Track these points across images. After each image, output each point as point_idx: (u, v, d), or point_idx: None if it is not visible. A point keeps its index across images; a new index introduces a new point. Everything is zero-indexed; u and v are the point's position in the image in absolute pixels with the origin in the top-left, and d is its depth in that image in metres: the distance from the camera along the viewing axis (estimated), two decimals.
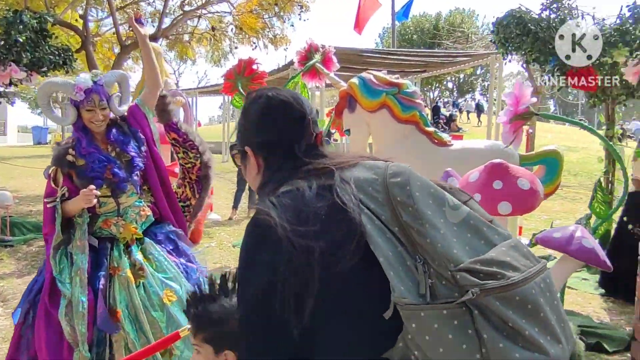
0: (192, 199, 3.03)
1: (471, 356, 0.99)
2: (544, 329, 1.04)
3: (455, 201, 1.21)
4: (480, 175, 3.28)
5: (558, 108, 56.26)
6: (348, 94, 6.07)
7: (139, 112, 2.83)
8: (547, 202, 11.88)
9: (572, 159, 17.79)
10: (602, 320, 4.84)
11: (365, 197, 1.16)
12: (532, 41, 6.17)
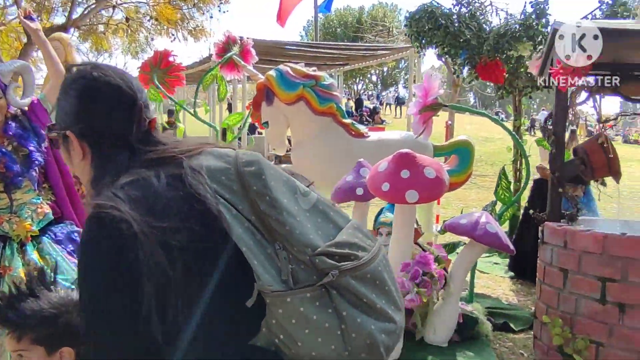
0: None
1: (333, 333, 1.05)
2: (390, 301, 1.13)
3: (304, 188, 1.24)
4: (388, 165, 3.37)
5: (477, 100, 58.45)
6: (265, 87, 6.06)
7: (41, 108, 2.69)
8: (464, 190, 12.38)
9: (489, 149, 18.55)
10: (510, 302, 5.09)
11: (219, 186, 1.13)
12: (443, 35, 6.38)
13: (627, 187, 14.25)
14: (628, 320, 3.16)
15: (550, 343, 3.46)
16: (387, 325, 1.11)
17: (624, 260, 3.17)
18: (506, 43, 6.16)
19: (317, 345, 1.04)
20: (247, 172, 1.14)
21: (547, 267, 3.64)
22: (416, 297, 3.51)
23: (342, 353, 1.05)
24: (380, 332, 1.09)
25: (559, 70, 3.55)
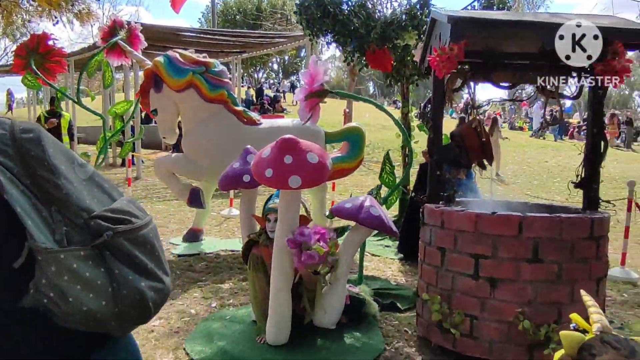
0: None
1: (105, 290, 1.12)
2: (159, 265, 1.23)
3: (82, 160, 1.31)
4: (271, 151, 3.37)
5: (377, 89, 59.91)
6: (153, 73, 5.88)
7: None
8: (360, 176, 12.69)
9: (386, 136, 19.04)
10: (398, 282, 5.28)
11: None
12: (332, 23, 6.46)
13: (511, 170, 15.22)
14: (498, 293, 3.38)
15: (430, 319, 3.63)
16: (157, 284, 1.20)
17: (494, 237, 3.38)
18: (393, 32, 6.34)
19: (88, 301, 1.09)
20: (25, 139, 1.16)
21: (427, 247, 3.80)
22: (315, 254, 3.53)
23: (112, 309, 1.12)
24: (149, 289, 1.17)
25: (435, 58, 3.70)
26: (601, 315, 1.39)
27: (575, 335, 1.34)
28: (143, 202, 9.18)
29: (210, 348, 3.60)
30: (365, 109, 27.28)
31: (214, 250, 6.11)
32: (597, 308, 1.42)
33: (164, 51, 8.16)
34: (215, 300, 4.53)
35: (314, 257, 3.64)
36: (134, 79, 12.79)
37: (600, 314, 1.40)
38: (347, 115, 16.94)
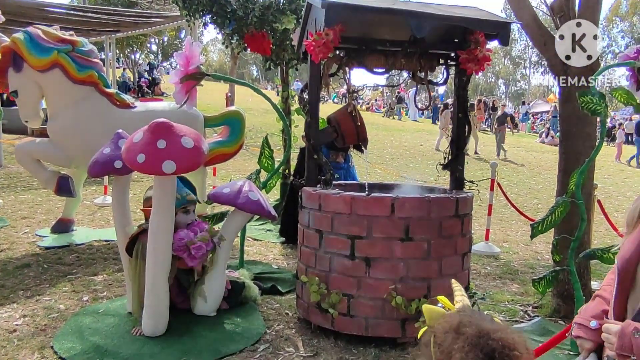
0: None
1: None
2: None
3: None
4: (144, 135, 3.22)
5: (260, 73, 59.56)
6: (12, 51, 5.40)
7: None
8: (243, 161, 12.60)
9: (269, 120, 18.99)
10: (279, 266, 5.31)
11: None
12: (209, 4, 6.30)
13: (389, 153, 15.83)
14: (373, 272, 3.50)
15: (310, 300, 3.69)
16: None
17: (369, 218, 3.49)
18: (271, 15, 6.30)
19: None
20: None
21: (306, 229, 3.85)
22: (202, 244, 3.67)
23: None
24: None
25: (311, 42, 3.72)
26: (464, 297, 1.49)
27: (435, 309, 1.42)
28: (6, 192, 8.48)
29: (81, 344, 3.41)
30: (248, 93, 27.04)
31: (86, 241, 5.78)
32: (462, 291, 1.52)
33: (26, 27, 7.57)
34: (87, 293, 4.30)
35: (202, 247, 3.64)
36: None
37: (464, 295, 1.50)
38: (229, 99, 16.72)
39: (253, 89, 4.70)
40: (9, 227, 6.28)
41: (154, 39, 43.34)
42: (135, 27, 15.14)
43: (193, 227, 3.77)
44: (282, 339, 3.66)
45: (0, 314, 3.84)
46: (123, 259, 3.92)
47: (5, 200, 7.81)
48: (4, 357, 3.23)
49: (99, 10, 15.02)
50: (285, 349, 3.51)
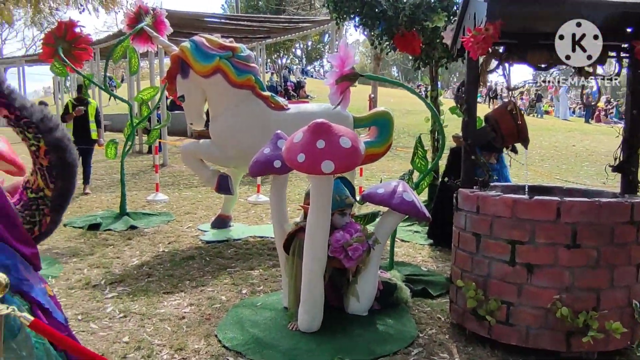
0: (45, 189, 2.46)
1: None
2: None
3: None
4: (304, 135, 3.31)
5: (400, 74, 59.39)
6: (180, 59, 5.84)
7: None
8: (387, 162, 12.59)
9: (412, 121, 18.88)
10: (429, 268, 5.21)
11: None
12: (360, 5, 6.35)
13: (538, 154, 14.96)
14: (535, 279, 3.29)
15: (465, 306, 3.56)
16: None
17: (532, 222, 3.29)
18: (422, 14, 6.20)
19: None
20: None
21: (461, 232, 3.72)
22: (359, 245, 3.67)
23: None
24: None
25: (469, 38, 3.59)
26: None
27: None
28: (170, 189, 9.22)
29: (242, 335, 3.58)
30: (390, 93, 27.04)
31: (242, 237, 6.10)
32: None
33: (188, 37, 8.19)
34: (245, 287, 4.52)
35: (359, 248, 3.66)
36: (158, 66, 12.81)
37: None
38: (372, 101, 16.83)
39: (407, 89, 4.64)
40: (174, 222, 6.83)
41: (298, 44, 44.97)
42: (284, 32, 15.75)
43: (348, 228, 3.80)
44: (435, 344, 3.57)
45: (171, 301, 4.17)
46: (280, 256, 4.05)
47: (170, 196, 8.51)
48: (175, 341, 3.48)
49: (252, 18, 15.84)
50: (440, 355, 3.42)
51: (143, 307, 4.03)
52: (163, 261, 5.19)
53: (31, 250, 2.27)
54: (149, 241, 5.94)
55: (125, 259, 5.29)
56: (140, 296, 4.26)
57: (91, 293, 4.33)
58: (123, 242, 5.90)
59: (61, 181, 2.43)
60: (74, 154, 2.46)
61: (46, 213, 2.46)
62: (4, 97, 2.33)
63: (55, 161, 2.40)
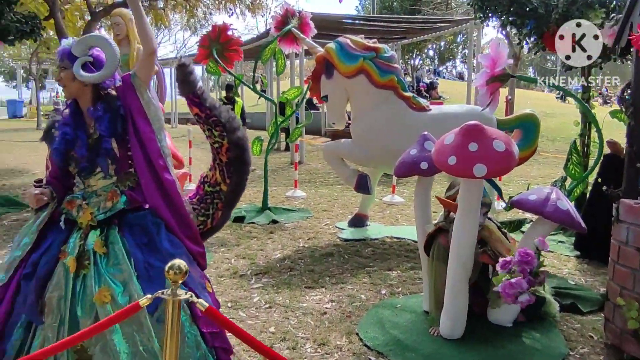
0: (222, 184, 2.66)
1: None
2: None
3: None
4: (455, 138, 3.24)
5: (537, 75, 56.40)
6: (325, 60, 5.98)
7: (127, 83, 2.46)
8: (525, 166, 11.98)
9: (550, 125, 17.88)
10: (577, 282, 4.89)
11: None
12: (508, 4, 6.10)
13: None
14: None
15: (624, 326, 3.29)
16: None
17: None
18: (577, 11, 5.82)
19: None
20: None
21: (622, 246, 3.44)
22: (531, 297, 3.25)
23: None
24: None
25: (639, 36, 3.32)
26: None
27: None
28: (307, 186, 9.48)
29: (383, 335, 3.60)
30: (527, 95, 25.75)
31: (379, 237, 6.13)
32: None
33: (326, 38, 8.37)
34: (384, 287, 4.53)
35: (530, 300, 3.23)
36: (299, 67, 13.22)
37: None
38: (509, 103, 16.13)
39: (560, 89, 4.39)
40: (313, 218, 7.02)
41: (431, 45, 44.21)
42: (421, 33, 15.57)
43: (522, 266, 3.51)
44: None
45: (312, 295, 4.29)
46: (422, 258, 4.01)
47: (307, 193, 8.76)
48: (318, 336, 3.57)
49: (389, 19, 15.84)
50: None
51: (287, 300, 4.18)
52: (303, 256, 5.35)
53: (198, 249, 2.47)
54: (290, 236, 6.15)
55: (268, 251, 5.53)
56: (283, 288, 4.43)
57: (238, 282, 4.58)
58: (266, 235, 6.16)
59: (236, 177, 2.64)
60: (250, 154, 2.67)
61: (219, 207, 2.67)
62: (197, 98, 2.58)
63: (234, 158, 2.62)
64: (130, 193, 2.40)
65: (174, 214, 2.40)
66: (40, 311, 2.23)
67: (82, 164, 2.38)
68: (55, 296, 2.22)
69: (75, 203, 2.39)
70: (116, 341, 2.14)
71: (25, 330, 2.25)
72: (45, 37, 8.89)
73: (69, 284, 2.23)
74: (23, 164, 12.78)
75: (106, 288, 2.19)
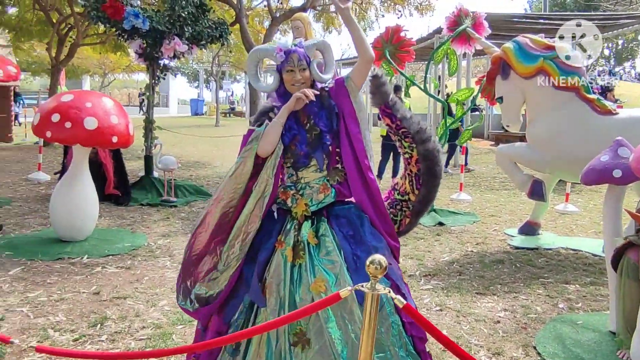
0: (410, 194, 2.70)
1: None
2: None
3: None
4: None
5: None
6: (501, 60, 5.77)
7: (342, 86, 2.54)
8: None
9: None
10: None
11: None
12: None
13: None
14: None
15: None
16: None
17: None
18: None
19: None
20: None
21: None
22: None
23: None
24: None
25: None
26: None
27: None
28: (472, 189, 9.23)
29: (563, 352, 3.38)
30: None
31: (553, 247, 5.78)
32: None
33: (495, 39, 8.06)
34: (561, 301, 4.26)
35: None
36: (466, 67, 12.92)
37: None
38: None
39: None
40: (480, 223, 6.83)
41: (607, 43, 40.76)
42: (602, 30, 14.38)
43: None
44: None
45: (484, 302, 4.17)
46: (609, 273, 3.71)
47: (473, 197, 8.53)
48: (492, 345, 3.46)
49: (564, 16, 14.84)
50: None
51: (457, 304, 4.11)
52: (472, 261, 5.22)
53: (395, 244, 2.54)
54: (457, 239, 6.04)
55: (436, 253, 5.48)
56: (453, 292, 4.35)
57: (408, 282, 4.56)
58: (432, 237, 6.11)
59: (425, 190, 2.66)
60: (441, 166, 2.69)
61: (407, 215, 2.72)
62: (389, 108, 2.66)
63: (424, 170, 2.65)
64: (339, 187, 2.51)
65: (376, 210, 2.49)
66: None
67: (300, 158, 2.53)
68: (275, 282, 2.39)
69: (289, 193, 2.54)
70: (330, 328, 2.26)
71: (247, 311, 2.44)
72: (229, 42, 9.65)
73: (287, 272, 2.38)
74: (206, 157, 14.00)
75: (321, 278, 2.32)
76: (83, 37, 13.88)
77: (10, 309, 3.90)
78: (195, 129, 22.99)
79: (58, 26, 13.49)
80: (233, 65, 28.81)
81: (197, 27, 8.17)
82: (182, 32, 8.13)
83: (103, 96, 5.94)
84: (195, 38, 8.27)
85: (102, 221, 6.52)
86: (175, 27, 8.05)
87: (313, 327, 2.29)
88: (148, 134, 8.96)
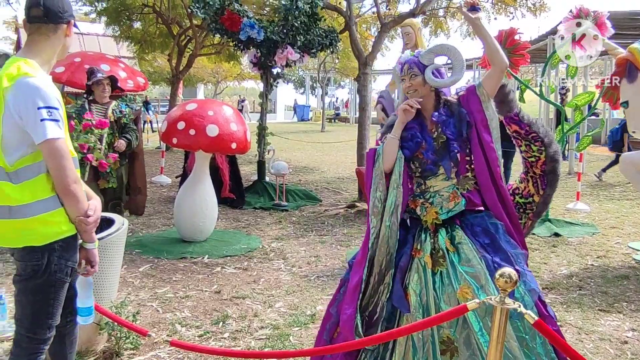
0: (535, 195, 2.76)
1: None
2: None
3: None
4: None
5: None
6: (627, 62, 5.44)
7: (473, 94, 2.55)
8: None
9: None
10: None
11: None
12: None
13: None
14: None
15: None
16: None
17: None
18: None
19: None
20: None
21: None
22: None
23: None
24: None
25: None
26: None
27: None
28: (589, 199, 8.73)
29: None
30: None
31: None
32: None
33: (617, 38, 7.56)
34: None
35: None
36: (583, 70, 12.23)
37: None
38: None
39: None
40: (600, 235, 6.46)
41: None
42: None
43: None
44: None
45: (609, 320, 3.96)
46: None
47: (590, 207, 8.08)
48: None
49: None
50: None
51: (579, 320, 3.93)
52: (593, 275, 4.95)
53: (525, 252, 2.52)
54: (575, 252, 5.75)
55: (552, 265, 5.26)
56: (574, 308, 4.16)
57: None
58: (548, 249, 5.87)
59: (550, 188, 2.67)
60: (561, 166, 2.70)
61: (530, 217, 2.71)
62: (516, 116, 2.67)
63: (549, 171, 2.67)
64: (469, 196, 2.52)
65: (510, 218, 2.50)
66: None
67: (427, 166, 2.56)
68: (417, 289, 2.43)
69: (418, 202, 2.58)
70: (478, 334, 2.26)
71: (390, 317, 2.48)
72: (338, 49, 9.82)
73: (428, 279, 2.42)
74: (313, 162, 14.30)
75: (466, 285, 2.33)
76: (200, 48, 14.65)
77: (142, 303, 4.23)
78: (302, 134, 23.53)
79: (178, 38, 14.34)
80: (339, 72, 29.15)
81: (308, 35, 8.40)
82: (294, 41, 8.39)
83: (223, 104, 6.28)
84: (306, 46, 8.51)
85: (219, 223, 6.86)
86: (289, 36, 8.32)
87: (460, 336, 2.31)
88: (261, 140, 9.31)
